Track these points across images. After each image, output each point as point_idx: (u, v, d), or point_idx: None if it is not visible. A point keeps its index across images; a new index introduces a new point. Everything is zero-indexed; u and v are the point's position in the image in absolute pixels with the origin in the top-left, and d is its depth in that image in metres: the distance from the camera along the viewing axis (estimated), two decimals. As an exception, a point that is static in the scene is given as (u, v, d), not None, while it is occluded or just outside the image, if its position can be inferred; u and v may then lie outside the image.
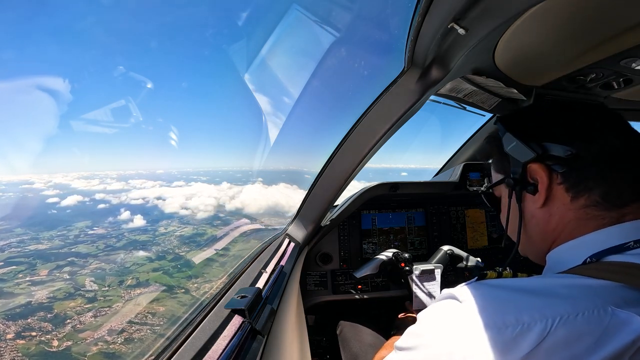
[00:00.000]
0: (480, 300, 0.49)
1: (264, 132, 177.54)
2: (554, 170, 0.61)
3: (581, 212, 0.59)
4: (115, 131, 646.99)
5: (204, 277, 19.80)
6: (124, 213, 60.50)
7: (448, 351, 0.48)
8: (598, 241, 0.56)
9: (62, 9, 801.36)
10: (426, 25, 0.75)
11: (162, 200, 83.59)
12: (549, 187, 0.61)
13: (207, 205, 75.59)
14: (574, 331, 0.43)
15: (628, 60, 0.93)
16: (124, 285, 23.98)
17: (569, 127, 0.61)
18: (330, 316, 1.78)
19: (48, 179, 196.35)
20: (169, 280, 21.67)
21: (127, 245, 33.62)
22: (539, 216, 0.65)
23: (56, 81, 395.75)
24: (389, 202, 1.89)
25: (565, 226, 0.61)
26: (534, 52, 0.95)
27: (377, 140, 1.17)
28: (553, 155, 0.60)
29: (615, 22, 0.77)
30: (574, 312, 0.44)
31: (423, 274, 1.55)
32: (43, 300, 18.87)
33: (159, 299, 17.44)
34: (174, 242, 35.25)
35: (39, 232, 35.39)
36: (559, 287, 0.49)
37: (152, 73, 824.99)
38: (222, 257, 16.87)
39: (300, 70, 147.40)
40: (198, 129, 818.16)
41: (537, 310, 0.45)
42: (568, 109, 0.65)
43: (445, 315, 0.53)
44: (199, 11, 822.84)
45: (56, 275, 24.22)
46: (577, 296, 0.46)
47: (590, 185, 0.58)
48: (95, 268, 27.50)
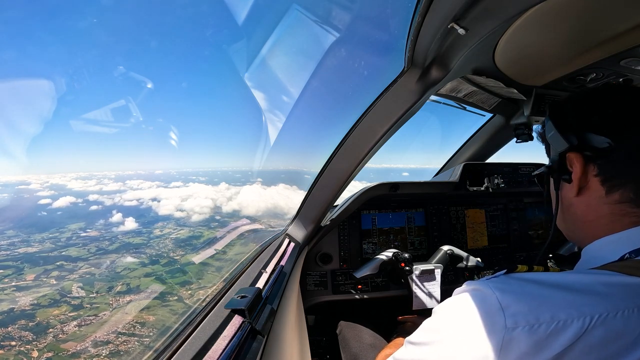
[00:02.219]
0: (511, 295, 0.46)
1: (264, 132, 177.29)
2: (590, 161, 0.59)
3: (616, 207, 0.57)
4: (115, 131, 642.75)
5: (199, 284, 18.95)
6: (118, 215, 60.11)
7: (466, 349, 0.45)
8: (637, 237, 0.54)
9: (61, 9, 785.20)
10: (426, 25, 0.75)
11: (157, 202, 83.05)
12: (584, 178, 0.60)
13: (203, 207, 74.93)
14: (612, 330, 0.42)
15: (628, 60, 0.93)
16: (113, 291, 22.68)
17: (609, 117, 0.58)
18: (330, 316, 1.78)
19: (46, 179, 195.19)
20: (161, 286, 20.72)
21: (120, 249, 32.32)
22: (576, 205, 0.63)
23: (56, 81, 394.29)
24: (389, 202, 1.89)
25: (601, 220, 0.59)
26: (534, 52, 0.95)
27: (377, 140, 1.17)
28: (591, 146, 0.58)
29: (615, 22, 0.77)
30: (614, 311, 0.42)
31: (423, 274, 1.56)
32: (26, 307, 17.83)
33: (150, 307, 16.43)
34: (169, 245, 33.86)
35: (31, 235, 34.27)
36: (597, 285, 0.46)
37: (152, 73, 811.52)
38: (218, 261, 16.29)
39: (300, 70, 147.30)
40: (198, 129, 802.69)
41: (575, 307, 0.43)
42: (613, 95, 0.62)
43: (468, 309, 0.48)
44: (199, 11, 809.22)
45: (43, 280, 22.97)
46: (616, 294, 0.44)
47: (624, 180, 0.56)
48: (84, 273, 26.28)
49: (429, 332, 0.53)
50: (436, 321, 0.53)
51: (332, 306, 1.79)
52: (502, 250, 1.98)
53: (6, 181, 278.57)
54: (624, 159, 0.56)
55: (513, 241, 2.01)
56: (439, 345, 0.50)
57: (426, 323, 0.55)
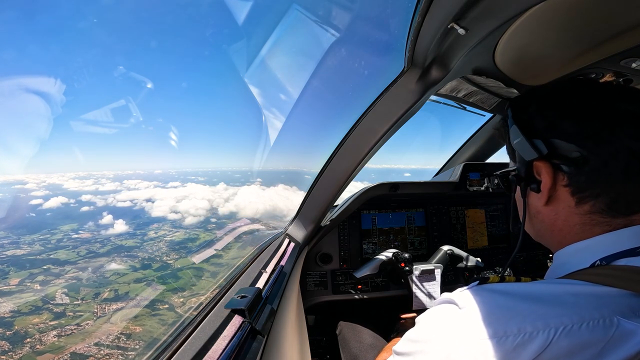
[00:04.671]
0: (481, 307, 0.47)
1: (264, 132, 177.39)
2: (560, 170, 0.56)
3: (586, 217, 0.55)
4: (115, 131, 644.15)
5: (191, 290, 17.99)
6: (112, 216, 59.15)
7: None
8: (608, 244, 0.52)
9: (59, 8, 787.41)
10: (426, 25, 0.75)
11: (152, 203, 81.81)
12: (553, 188, 0.57)
13: (199, 208, 74.04)
14: (578, 341, 0.42)
15: (628, 60, 0.93)
16: (99, 298, 21.22)
17: (581, 122, 0.53)
18: (330, 316, 1.78)
19: (44, 178, 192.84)
20: (151, 292, 19.38)
21: (111, 252, 30.91)
22: (544, 213, 0.61)
23: (55, 81, 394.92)
24: (389, 202, 1.90)
25: (571, 229, 0.57)
26: (534, 52, 0.95)
27: (377, 140, 1.17)
28: (560, 154, 0.55)
29: (615, 22, 0.77)
30: (579, 322, 0.42)
31: (423, 274, 1.56)
32: (5, 315, 16.83)
33: (137, 317, 15.31)
34: (163, 248, 32.61)
35: (21, 236, 32.97)
36: (565, 295, 0.46)
37: (152, 73, 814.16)
38: (213, 266, 15.47)
39: (300, 70, 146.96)
40: (197, 129, 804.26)
41: (541, 319, 0.43)
42: (587, 94, 0.56)
43: (443, 321, 0.51)
44: (199, 11, 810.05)
45: (27, 285, 21.77)
46: (583, 305, 0.44)
47: (596, 192, 0.53)
48: (71, 277, 25.02)
49: (410, 342, 0.55)
50: (416, 332, 0.54)
51: (332, 306, 1.79)
52: (502, 250, 1.98)
53: (4, 181, 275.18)
54: (598, 169, 0.52)
55: (513, 241, 2.01)
56: (419, 356, 0.51)
57: (408, 333, 0.56)
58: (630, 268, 0.47)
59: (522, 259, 1.96)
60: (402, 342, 0.57)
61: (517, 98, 0.66)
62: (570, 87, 0.59)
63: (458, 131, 2.92)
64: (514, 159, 0.66)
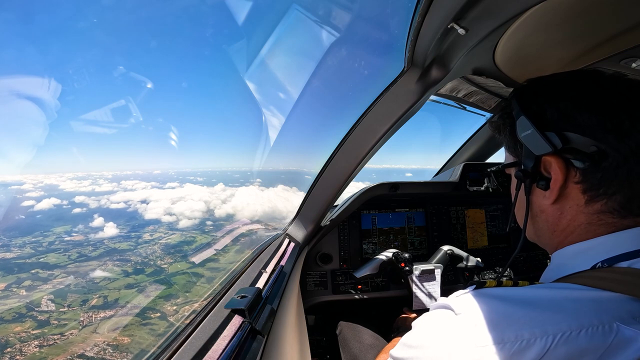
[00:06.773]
0: (478, 313, 0.45)
1: (264, 132, 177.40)
2: (572, 166, 0.51)
3: (594, 217, 0.52)
4: (115, 131, 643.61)
5: (185, 297, 17.15)
6: (103, 218, 58.23)
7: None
8: (612, 245, 0.50)
9: (58, 7, 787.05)
10: (426, 25, 0.75)
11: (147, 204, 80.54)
12: (564, 185, 0.53)
13: (195, 210, 72.82)
14: (576, 348, 0.41)
15: (628, 60, 0.93)
16: (86, 305, 20.16)
17: (601, 114, 0.49)
18: (330, 316, 1.78)
19: (42, 179, 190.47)
20: (142, 300, 18.51)
21: (103, 255, 29.73)
22: (548, 212, 0.57)
23: (56, 81, 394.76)
24: (388, 202, 1.89)
25: (575, 229, 0.54)
26: (534, 52, 0.95)
27: (377, 140, 1.17)
28: (574, 149, 0.50)
29: (615, 22, 0.77)
30: (577, 328, 0.41)
31: (423, 274, 1.56)
32: None
33: (126, 327, 14.47)
34: (158, 251, 31.28)
35: (12, 239, 31.89)
36: (564, 301, 0.45)
37: (152, 73, 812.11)
38: (209, 271, 14.79)
39: (300, 70, 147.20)
40: (197, 129, 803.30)
41: (539, 325, 0.42)
42: (604, 85, 0.52)
43: (439, 327, 0.49)
44: (199, 11, 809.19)
45: (13, 290, 21.00)
46: (582, 310, 0.43)
47: (612, 190, 0.49)
48: (58, 283, 23.87)
49: (406, 348, 0.54)
50: (412, 337, 0.53)
51: (332, 306, 1.79)
52: (502, 250, 1.98)
53: (1, 181, 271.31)
54: (616, 166, 0.48)
55: (513, 241, 2.01)
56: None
57: (405, 338, 0.55)
58: (631, 271, 0.46)
59: (522, 259, 1.96)
60: (398, 346, 0.56)
61: (524, 87, 0.61)
62: (585, 77, 0.55)
63: (458, 131, 2.92)
64: (516, 153, 0.61)
